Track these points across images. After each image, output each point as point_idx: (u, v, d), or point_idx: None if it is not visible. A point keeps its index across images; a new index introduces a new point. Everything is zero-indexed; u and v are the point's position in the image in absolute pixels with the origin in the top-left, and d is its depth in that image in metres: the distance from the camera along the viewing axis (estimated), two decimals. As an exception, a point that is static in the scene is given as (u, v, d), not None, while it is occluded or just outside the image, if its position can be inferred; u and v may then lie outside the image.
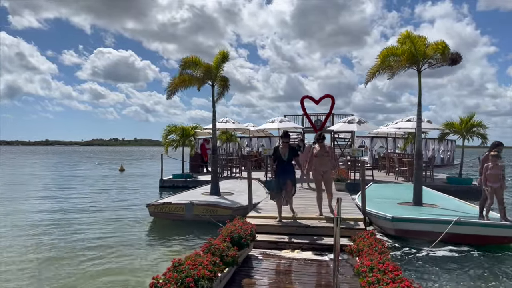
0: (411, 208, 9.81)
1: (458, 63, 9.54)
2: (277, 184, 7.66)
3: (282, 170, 7.59)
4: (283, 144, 7.66)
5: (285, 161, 7.57)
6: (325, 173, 8.23)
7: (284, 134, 7.67)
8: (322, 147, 8.21)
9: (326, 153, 8.15)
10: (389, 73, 10.50)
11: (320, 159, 8.15)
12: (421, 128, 10.64)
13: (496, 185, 7.55)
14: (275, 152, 7.72)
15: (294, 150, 7.80)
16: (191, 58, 11.16)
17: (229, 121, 17.60)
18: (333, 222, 6.14)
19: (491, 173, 7.57)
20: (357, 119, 16.79)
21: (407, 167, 16.41)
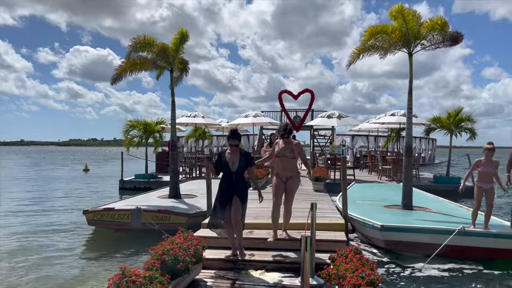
0: (401, 212, 8.40)
1: (459, 42, 8.15)
2: (219, 204, 5.20)
3: (229, 185, 5.15)
4: (231, 149, 5.19)
5: (233, 172, 5.12)
6: (289, 180, 5.83)
7: (232, 134, 5.20)
8: (287, 143, 5.78)
9: (291, 152, 5.71)
10: (379, 53, 9.02)
11: (283, 160, 5.78)
12: (411, 120, 9.22)
13: (487, 185, 6.18)
14: (219, 160, 5.21)
15: (247, 158, 5.24)
16: (144, 38, 9.45)
17: (198, 115, 15.89)
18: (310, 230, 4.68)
19: (482, 170, 6.21)
20: (337, 114, 15.36)
21: (391, 166, 15.08)
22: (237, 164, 5.12)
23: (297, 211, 7.61)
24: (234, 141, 5.21)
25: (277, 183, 5.86)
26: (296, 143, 5.80)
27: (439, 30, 8.31)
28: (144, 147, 16.29)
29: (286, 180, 5.83)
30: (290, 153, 5.69)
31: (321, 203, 9.23)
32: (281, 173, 5.84)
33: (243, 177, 5.28)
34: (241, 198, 5.19)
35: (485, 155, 6.19)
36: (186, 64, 9.52)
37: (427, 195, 11.20)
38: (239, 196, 5.18)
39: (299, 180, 5.97)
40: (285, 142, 5.77)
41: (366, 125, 19.74)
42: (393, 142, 21.18)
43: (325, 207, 8.48)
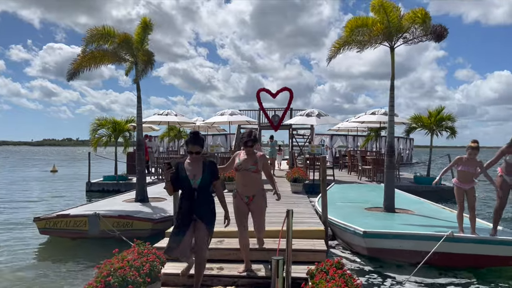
0: (383, 215, 7.92)
1: (443, 37, 7.71)
2: (177, 230, 4.06)
3: (189, 205, 3.98)
4: (191, 158, 4.04)
5: (195, 189, 3.95)
6: (251, 200, 4.70)
7: (192, 138, 4.04)
8: (250, 154, 4.65)
9: (254, 164, 4.60)
10: (357, 48, 8.52)
11: (244, 175, 4.61)
12: (393, 118, 8.76)
13: (467, 186, 5.71)
14: (177, 171, 4.02)
15: (212, 169, 4.08)
16: (103, 28, 8.63)
17: (170, 113, 15.07)
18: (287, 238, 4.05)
19: (462, 170, 5.74)
20: (316, 112, 14.87)
21: (371, 166, 14.68)
22: (199, 178, 3.92)
23: (272, 216, 7.01)
24: (195, 147, 3.96)
25: (238, 204, 4.70)
26: (260, 155, 4.72)
27: (420, 23, 7.87)
28: (113, 147, 15.36)
29: (248, 200, 4.68)
30: (253, 165, 4.57)
31: (299, 206, 8.66)
32: (241, 191, 4.68)
33: (208, 194, 4.08)
34: (206, 223, 4.00)
35: (468, 154, 5.71)
36: (151, 56, 8.75)
37: (408, 196, 10.81)
38: (204, 220, 3.99)
39: (264, 199, 4.84)
40: (247, 153, 4.64)
41: (346, 124, 19.38)
42: (372, 141, 20.93)
43: (303, 211, 7.91)
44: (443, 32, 7.59)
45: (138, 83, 9.29)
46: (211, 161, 4.17)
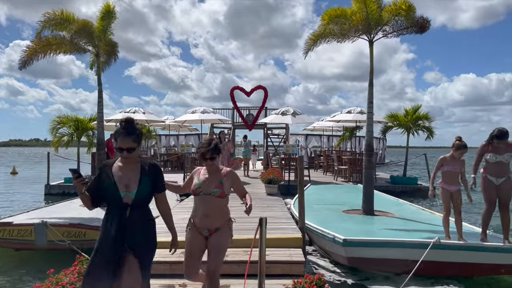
0: (362, 219, 7.45)
1: (426, 29, 7.32)
2: (96, 267, 2.65)
3: (119, 227, 2.67)
4: (123, 159, 2.77)
5: (127, 204, 2.67)
6: (213, 234, 3.39)
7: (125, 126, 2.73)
8: (212, 172, 3.41)
9: (219, 186, 3.34)
10: (335, 40, 8.04)
11: (205, 200, 3.34)
12: (372, 115, 8.32)
13: (453, 187, 5.26)
14: (99, 179, 2.76)
15: (155, 176, 2.81)
16: (61, 13, 7.77)
17: (138, 111, 14.18)
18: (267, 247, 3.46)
19: (448, 170, 5.27)
20: (291, 110, 14.36)
21: (347, 166, 14.30)
22: (134, 190, 2.65)
23: (245, 222, 6.37)
24: (127, 141, 2.64)
25: (193, 237, 3.38)
26: (228, 172, 3.45)
27: (404, 15, 7.46)
28: (76, 147, 14.34)
29: (208, 234, 3.35)
30: (217, 187, 3.30)
31: (274, 209, 8.08)
32: (200, 223, 3.33)
33: (147, 213, 2.77)
34: (141, 258, 2.66)
35: (456, 153, 5.23)
36: (114, 46, 7.95)
37: (386, 197, 10.43)
38: (138, 252, 2.65)
39: (230, 234, 3.53)
40: (209, 170, 3.37)
41: (321, 123, 19.00)
42: (346, 141, 20.65)
43: (279, 215, 7.32)
44: (425, 24, 7.21)
45: (100, 76, 8.47)
46: (153, 164, 2.84)
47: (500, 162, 5.11)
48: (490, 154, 5.15)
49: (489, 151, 5.18)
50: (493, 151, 5.15)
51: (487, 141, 5.23)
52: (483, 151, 5.24)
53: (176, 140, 22.79)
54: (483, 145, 5.24)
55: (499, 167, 5.12)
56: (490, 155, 5.15)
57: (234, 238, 5.01)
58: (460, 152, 5.22)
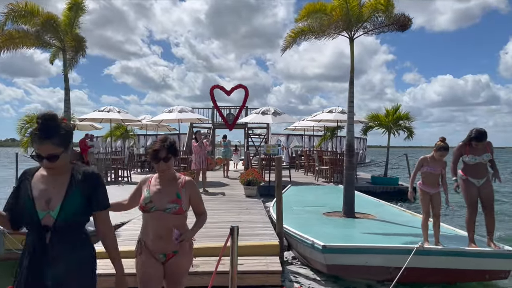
0: (343, 222, 7.22)
1: (407, 27, 7.13)
2: None
3: (39, 256, 1.90)
4: (46, 169, 1.98)
5: (47, 227, 1.89)
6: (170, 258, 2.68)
7: (42, 126, 1.88)
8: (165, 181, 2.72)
9: (175, 201, 2.61)
10: (314, 37, 7.80)
11: (158, 219, 2.61)
12: (353, 115, 8.11)
13: (433, 190, 5.04)
14: (17, 193, 2.00)
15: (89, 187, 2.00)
16: (25, 5, 7.25)
17: (113, 110, 13.63)
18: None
19: (428, 171, 5.03)
20: (272, 110, 14.05)
21: (328, 166, 14.11)
22: (57, 206, 1.91)
23: (220, 227, 6.04)
24: (44, 146, 1.89)
25: (146, 266, 2.67)
26: (185, 181, 2.72)
27: (383, 11, 7.26)
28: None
29: (165, 259, 2.67)
30: (173, 202, 2.59)
31: (252, 213, 7.76)
32: (153, 246, 2.65)
33: (77, 238, 1.99)
34: None
35: (436, 154, 5.01)
36: (81, 41, 7.47)
37: (367, 198, 10.25)
38: None
39: (190, 258, 2.76)
40: (162, 178, 2.70)
41: (303, 123, 18.80)
42: (328, 141, 20.51)
43: (256, 219, 7.01)
44: (407, 22, 7.01)
45: (66, 73, 7.98)
46: (90, 173, 2.03)
47: (480, 163, 4.95)
48: (469, 156, 4.97)
49: (467, 152, 4.99)
50: (471, 152, 4.97)
51: (464, 142, 5.05)
52: (460, 152, 5.06)
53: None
54: (460, 146, 5.06)
55: (479, 168, 4.95)
56: (469, 157, 4.97)
57: (205, 246, 4.69)
58: (440, 154, 5.00)
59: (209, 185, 11.70)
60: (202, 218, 2.82)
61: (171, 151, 2.64)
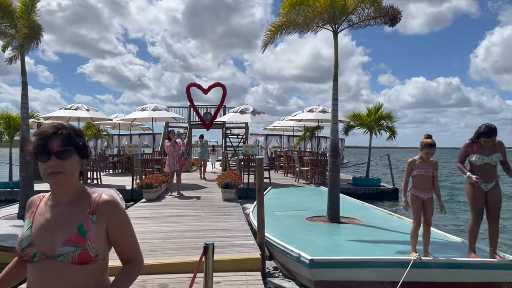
0: (328, 228, 6.72)
1: (398, 21, 6.68)
2: None
3: None
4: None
5: None
6: None
7: None
8: (64, 202, 1.47)
9: (72, 241, 1.40)
10: (296, 31, 7.30)
11: (46, 270, 1.40)
12: (337, 113, 7.64)
13: (425, 194, 4.52)
14: None
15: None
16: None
17: (81, 107, 12.70)
18: None
19: (419, 173, 4.49)
20: (251, 109, 13.48)
21: (309, 167, 13.65)
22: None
23: (196, 236, 5.41)
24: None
25: None
26: (101, 202, 1.48)
27: (370, 2, 6.80)
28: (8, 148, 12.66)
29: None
30: (71, 242, 1.40)
31: (231, 219, 7.17)
32: None
33: None
34: None
35: (422, 153, 4.50)
36: (36, 28, 6.67)
37: (350, 201, 9.83)
38: None
39: None
40: (56, 197, 1.49)
41: (282, 122, 18.32)
42: (307, 142, 20.12)
43: (235, 227, 6.41)
44: (396, 15, 6.56)
45: (24, 64, 7.18)
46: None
47: (488, 165, 4.40)
48: (476, 156, 4.44)
49: (474, 151, 4.50)
50: (478, 151, 4.43)
51: (471, 139, 4.55)
52: (467, 151, 4.54)
53: (130, 141, 21.23)
54: (467, 144, 4.55)
55: (487, 171, 4.40)
56: (476, 157, 4.44)
57: (177, 261, 4.05)
58: (426, 152, 4.44)
59: (184, 188, 11.03)
60: (132, 270, 1.56)
61: (72, 141, 1.46)
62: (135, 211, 8.05)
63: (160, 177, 10.43)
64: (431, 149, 4.45)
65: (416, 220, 4.52)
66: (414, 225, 4.56)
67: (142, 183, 9.58)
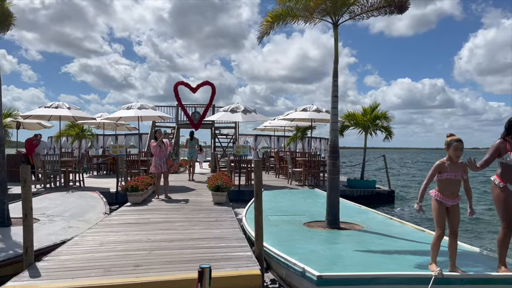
0: (329, 235, 6.24)
1: (405, 9, 6.21)
2: None
3: None
4: None
5: None
6: None
7: None
8: None
9: None
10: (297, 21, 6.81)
11: None
12: (337, 111, 7.16)
13: (452, 201, 4.02)
14: None
15: None
16: None
17: (62, 106, 11.92)
18: None
19: (448, 177, 3.98)
20: (242, 107, 12.91)
21: (302, 168, 13.16)
22: None
23: (186, 247, 4.83)
24: None
25: None
26: None
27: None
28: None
29: None
30: None
31: (223, 225, 6.60)
32: None
33: None
34: None
35: (450, 152, 3.97)
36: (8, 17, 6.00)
37: (348, 204, 9.36)
38: None
39: None
40: None
41: (274, 122, 17.80)
42: (297, 142, 19.65)
43: (229, 235, 5.83)
44: (404, 2, 6.08)
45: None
46: None
47: None
48: (506, 155, 3.96)
49: (508, 149, 3.94)
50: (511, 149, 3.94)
51: (502, 137, 4.04)
52: (498, 150, 3.99)
53: (115, 141, 20.44)
54: (499, 143, 3.99)
55: None
56: (506, 156, 3.95)
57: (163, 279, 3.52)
58: (454, 148, 3.85)
59: (172, 191, 10.42)
60: None
61: None
62: (119, 216, 7.42)
63: (146, 179, 9.79)
64: (460, 144, 3.95)
65: (440, 229, 4.02)
66: (436, 235, 4.05)
67: (127, 185, 8.95)
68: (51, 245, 5.34)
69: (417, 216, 10.06)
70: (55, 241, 5.58)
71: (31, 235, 4.39)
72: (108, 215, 7.59)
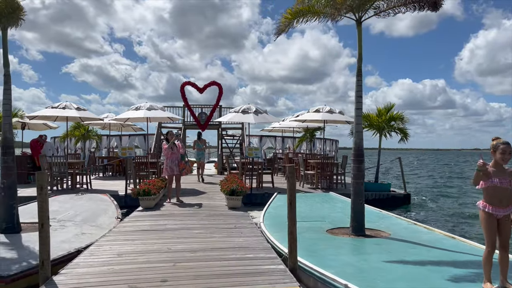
0: (356, 243, 5.95)
1: (439, 7, 5.88)
2: None
3: None
4: None
5: None
6: None
7: None
8: None
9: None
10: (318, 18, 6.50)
11: None
12: (361, 112, 6.85)
13: (502, 211, 3.65)
14: None
15: None
16: None
17: (69, 106, 11.62)
18: None
19: (495, 184, 3.65)
20: (253, 108, 12.58)
21: (314, 171, 12.82)
22: None
23: (207, 259, 4.49)
24: None
25: None
26: None
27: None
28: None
29: None
30: None
31: (244, 232, 6.28)
32: None
33: None
34: None
35: (497, 156, 3.64)
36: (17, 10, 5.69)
37: (368, 208, 8.98)
38: None
39: None
40: None
41: (284, 123, 17.47)
42: (306, 142, 19.32)
43: (253, 244, 5.51)
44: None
45: (6, 51, 6.25)
46: None
47: None
48: None
49: None
50: None
51: None
52: None
53: (119, 141, 20.14)
54: None
55: None
56: None
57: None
58: (501, 151, 3.51)
59: (183, 193, 10.12)
60: None
61: None
62: (133, 222, 7.11)
63: (158, 183, 9.48)
64: (508, 147, 3.62)
65: (490, 243, 3.68)
66: (488, 250, 3.71)
67: (139, 189, 8.63)
68: (66, 255, 5.04)
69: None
70: (69, 249, 5.28)
71: (47, 247, 4.08)
72: (121, 221, 7.28)
